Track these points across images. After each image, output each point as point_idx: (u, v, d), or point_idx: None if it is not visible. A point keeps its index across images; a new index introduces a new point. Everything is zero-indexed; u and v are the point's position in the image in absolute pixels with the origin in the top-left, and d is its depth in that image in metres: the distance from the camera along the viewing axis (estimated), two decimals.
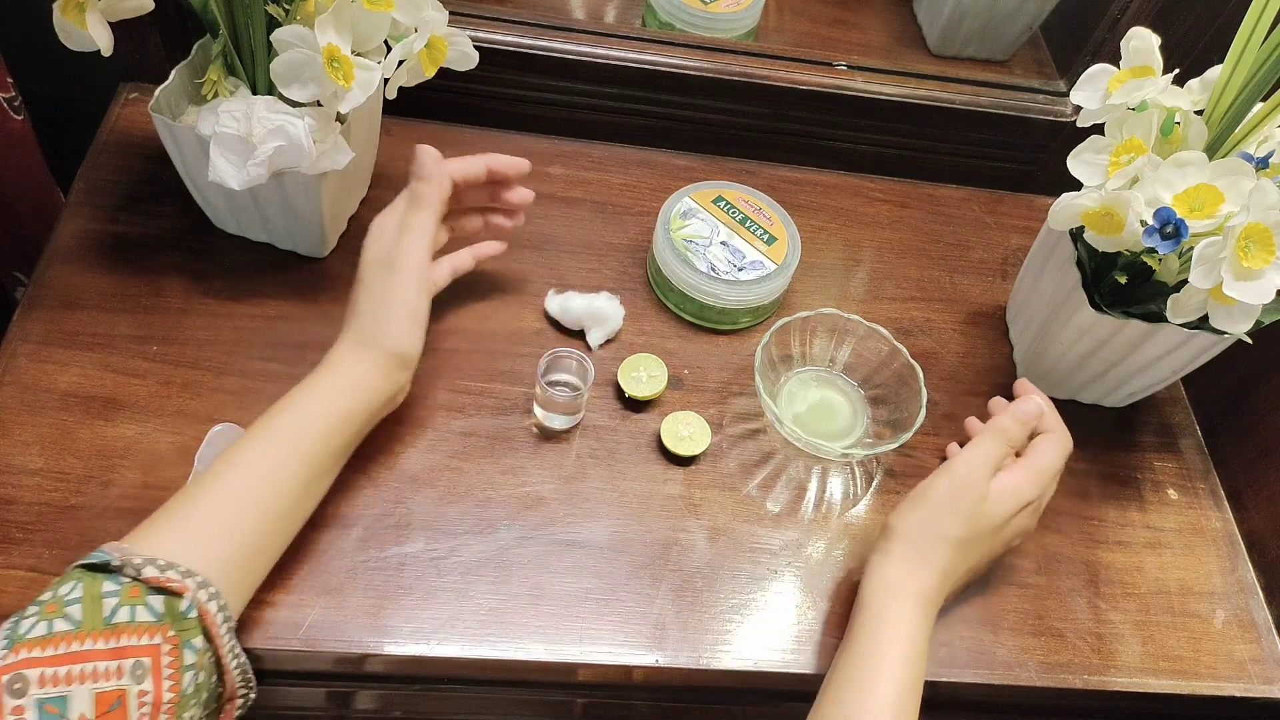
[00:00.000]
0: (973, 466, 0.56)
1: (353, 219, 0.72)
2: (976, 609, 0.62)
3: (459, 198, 0.61)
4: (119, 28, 0.55)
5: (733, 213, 0.73)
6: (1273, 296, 0.53)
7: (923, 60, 0.91)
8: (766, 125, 0.83)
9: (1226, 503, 0.71)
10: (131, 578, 0.44)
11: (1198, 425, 0.75)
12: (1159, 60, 0.58)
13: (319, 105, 0.58)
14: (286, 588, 0.54)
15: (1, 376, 0.60)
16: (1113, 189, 0.57)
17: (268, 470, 0.51)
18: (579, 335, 0.69)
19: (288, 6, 0.57)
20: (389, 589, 0.55)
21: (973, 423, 0.66)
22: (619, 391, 0.66)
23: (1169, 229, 0.54)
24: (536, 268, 0.72)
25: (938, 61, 0.91)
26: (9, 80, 0.72)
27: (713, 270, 0.69)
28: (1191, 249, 0.54)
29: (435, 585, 0.56)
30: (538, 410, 0.64)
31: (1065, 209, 0.60)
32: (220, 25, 0.57)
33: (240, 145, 0.56)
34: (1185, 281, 0.55)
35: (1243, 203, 0.53)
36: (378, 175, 0.74)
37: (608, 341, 0.69)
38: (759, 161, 0.84)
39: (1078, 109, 0.62)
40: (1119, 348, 0.65)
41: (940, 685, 0.59)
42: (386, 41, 0.58)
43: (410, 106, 0.68)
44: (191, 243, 0.68)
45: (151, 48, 0.72)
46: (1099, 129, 0.60)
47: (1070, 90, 0.63)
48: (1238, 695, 0.62)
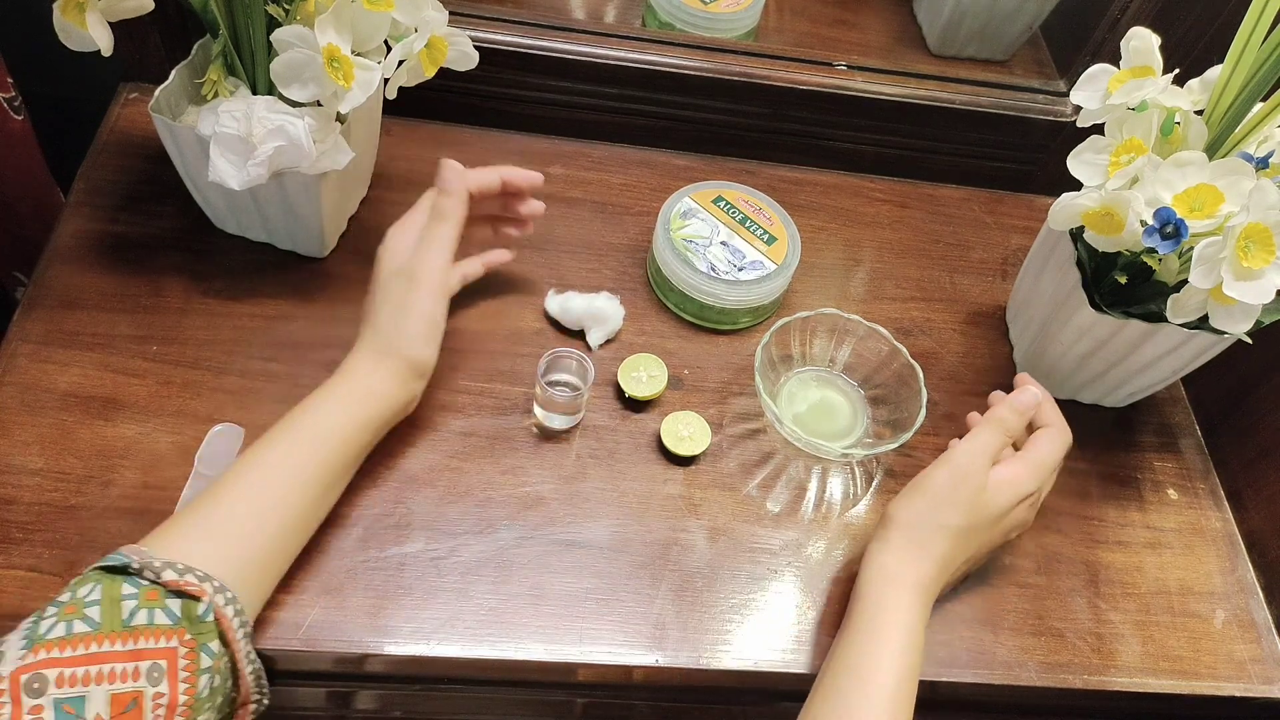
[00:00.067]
0: (972, 456, 0.56)
1: (353, 219, 0.72)
2: (976, 609, 0.62)
3: (472, 206, 0.61)
4: (119, 28, 0.55)
5: (733, 213, 0.73)
6: (1273, 296, 0.53)
7: (923, 60, 0.91)
8: (766, 125, 0.83)
9: (1226, 503, 0.71)
10: (150, 580, 0.45)
11: (1198, 425, 0.75)
12: (1159, 60, 0.58)
13: (319, 105, 0.58)
14: (286, 588, 0.54)
15: (1, 376, 0.60)
16: (1113, 189, 0.57)
17: (285, 477, 0.51)
18: (579, 335, 0.69)
19: (288, 6, 0.57)
20: (389, 589, 0.55)
21: (974, 417, 0.65)
22: (619, 391, 0.66)
23: (1169, 229, 0.54)
24: (536, 268, 0.72)
25: (938, 61, 0.91)
26: (9, 80, 0.72)
27: (713, 270, 0.69)
28: (1191, 249, 0.54)
29: (435, 585, 0.56)
30: (538, 410, 0.64)
31: (1065, 209, 0.60)
32: (220, 25, 0.57)
33: (240, 145, 0.56)
34: (1185, 281, 0.55)
35: (1243, 203, 0.53)
36: (378, 175, 0.74)
37: (608, 341, 0.69)
38: (759, 161, 0.84)
39: (1078, 109, 0.62)
40: (1119, 348, 0.65)
41: (940, 685, 0.59)
42: (386, 41, 0.58)
43: (410, 106, 0.68)
44: (191, 243, 0.68)
45: (151, 48, 0.72)
46: (1099, 129, 0.60)
47: (1070, 90, 0.63)
48: (1238, 695, 0.62)
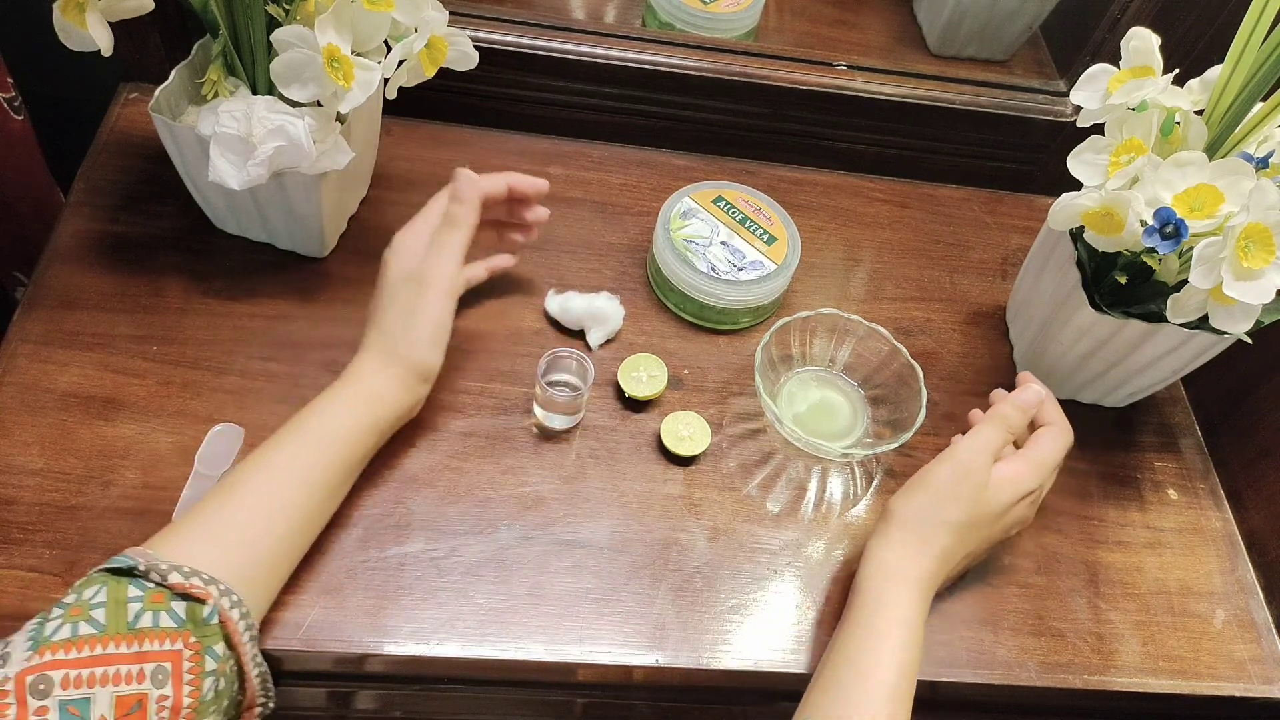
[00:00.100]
0: (974, 452, 0.56)
1: (353, 219, 0.72)
2: (976, 609, 0.62)
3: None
4: (119, 28, 0.55)
5: (733, 213, 0.73)
6: (1273, 296, 0.53)
7: (923, 60, 0.91)
8: (766, 125, 0.83)
9: (1226, 503, 0.71)
10: (156, 583, 0.45)
11: (1198, 425, 0.75)
12: (1159, 60, 0.58)
13: (319, 105, 0.58)
14: (287, 587, 0.54)
15: (1, 376, 0.60)
16: (1113, 189, 0.57)
17: (290, 480, 0.52)
18: (579, 335, 0.69)
19: (288, 6, 0.57)
20: (389, 589, 0.55)
21: (976, 414, 0.66)
22: (619, 391, 0.66)
23: (1169, 229, 0.54)
24: (536, 268, 0.72)
25: (938, 61, 0.91)
26: (9, 80, 0.72)
27: (713, 270, 0.69)
28: (1191, 249, 0.54)
29: (435, 585, 0.56)
30: (538, 410, 0.64)
31: (1065, 209, 0.60)
32: (220, 25, 0.57)
33: (240, 145, 0.56)
34: (1185, 281, 0.55)
35: (1243, 203, 0.53)
36: (378, 175, 0.74)
37: (608, 341, 0.69)
38: (759, 161, 0.84)
39: (1078, 109, 0.62)
40: (1119, 348, 0.65)
41: (940, 685, 0.59)
42: (386, 41, 0.58)
43: (410, 106, 0.68)
44: (191, 243, 0.68)
45: (151, 48, 0.72)
46: (1099, 129, 0.60)
47: (1070, 90, 0.63)
48: (1238, 695, 0.62)
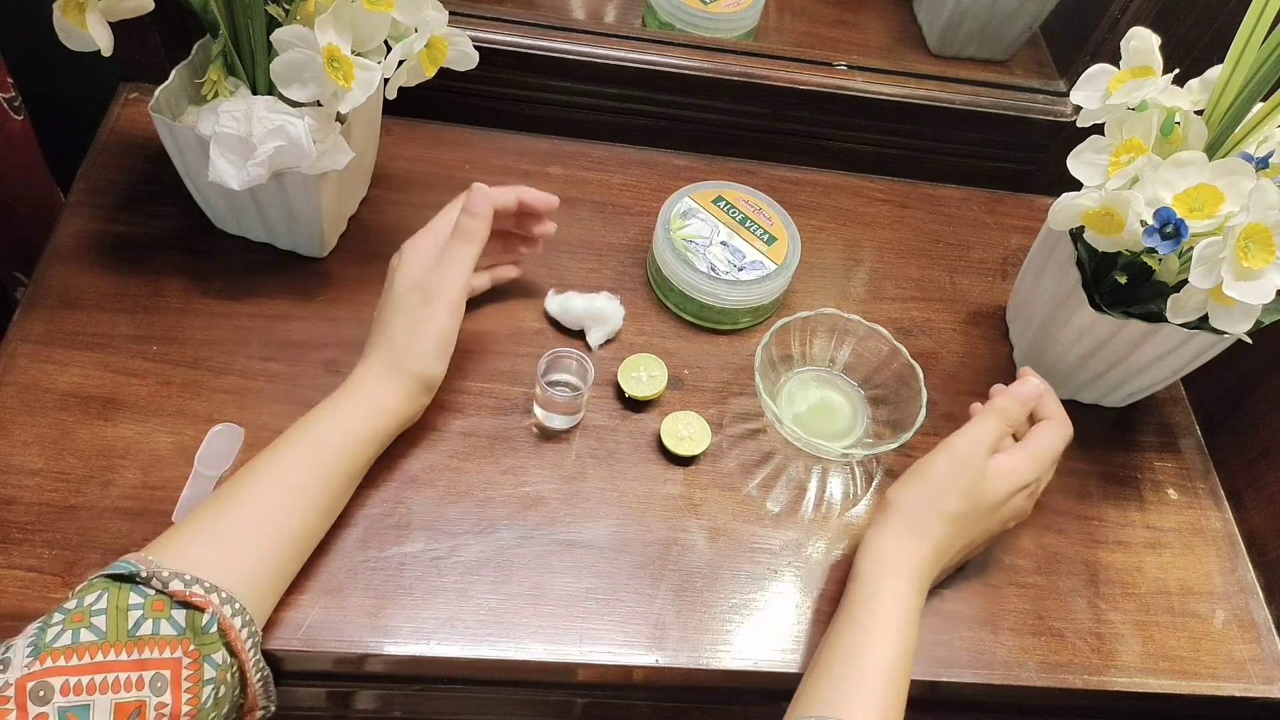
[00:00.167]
0: (972, 444, 0.56)
1: (353, 219, 0.72)
2: (976, 609, 0.62)
3: None
4: (119, 28, 0.55)
5: (733, 213, 0.73)
6: (1273, 296, 0.53)
7: (923, 60, 0.91)
8: (766, 125, 0.83)
9: (1226, 503, 0.71)
10: (157, 590, 0.45)
11: (1198, 425, 0.75)
12: (1159, 60, 0.58)
13: (319, 105, 0.58)
14: (288, 588, 0.54)
15: (1, 376, 0.60)
16: (1113, 189, 0.57)
17: (292, 487, 0.52)
18: (579, 335, 0.69)
19: (288, 6, 0.57)
20: (389, 589, 0.55)
21: (976, 408, 0.66)
22: (619, 391, 0.66)
23: (1169, 229, 0.54)
24: (536, 268, 0.72)
25: (938, 61, 0.91)
26: (9, 80, 0.72)
27: (713, 270, 0.69)
28: (1191, 249, 0.54)
29: (435, 585, 0.56)
30: (538, 410, 0.64)
31: (1065, 209, 0.60)
32: (220, 25, 0.57)
33: (240, 145, 0.56)
34: (1185, 281, 0.55)
35: (1243, 203, 0.53)
36: (378, 175, 0.74)
37: (608, 341, 0.69)
38: (759, 161, 0.84)
39: (1078, 109, 0.62)
40: (1119, 348, 0.65)
41: (940, 685, 0.59)
42: (386, 41, 0.58)
43: (410, 106, 0.68)
44: (191, 243, 0.68)
45: (151, 48, 0.72)
46: (1099, 129, 0.60)
47: (1070, 90, 0.63)
48: (1238, 695, 0.62)
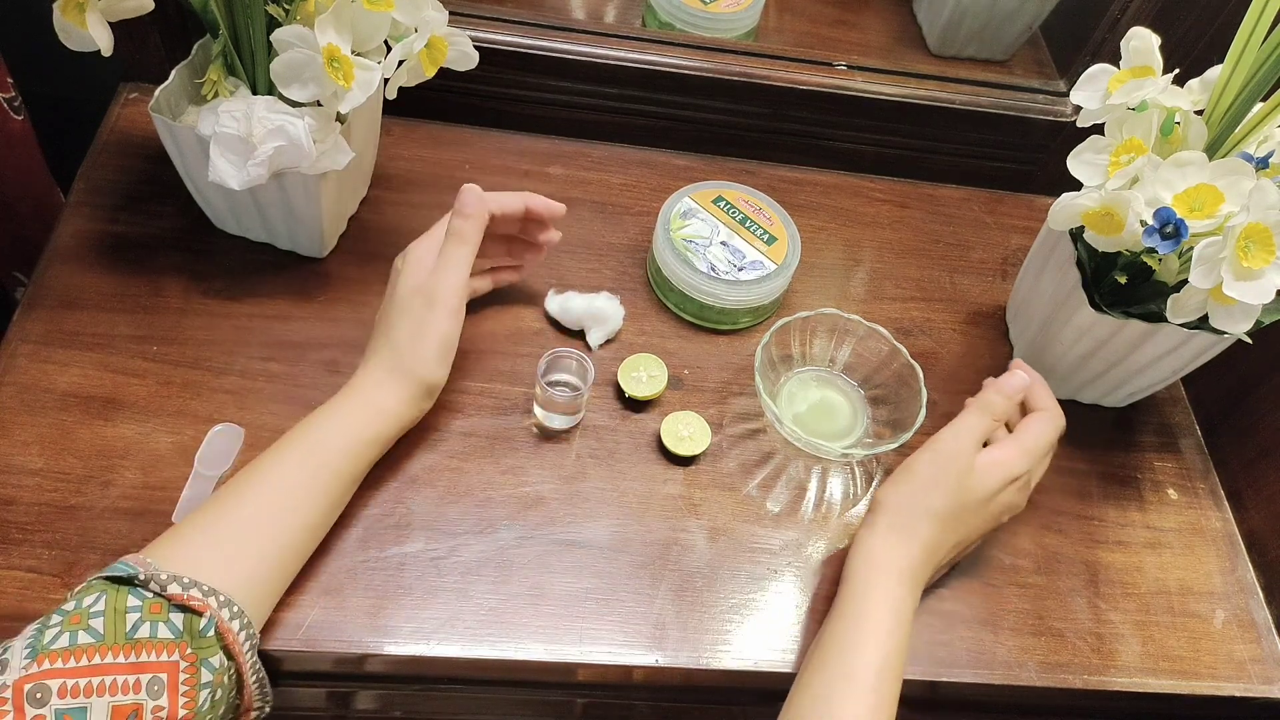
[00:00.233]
0: (957, 439, 0.56)
1: (353, 219, 0.72)
2: (976, 609, 0.62)
3: (492, 226, 0.62)
4: (119, 28, 0.55)
5: (733, 213, 0.73)
6: (1273, 296, 0.53)
7: (923, 60, 0.91)
8: (766, 125, 0.83)
9: (1226, 503, 0.71)
10: (155, 593, 0.45)
11: (1198, 425, 0.75)
12: (1159, 60, 0.58)
13: (319, 105, 0.58)
14: (288, 588, 0.54)
15: (1, 376, 0.60)
16: (1113, 189, 0.57)
17: (292, 490, 0.52)
18: (579, 335, 0.69)
19: (288, 6, 0.57)
20: (389, 589, 0.55)
21: (968, 402, 0.66)
22: (619, 391, 0.66)
23: (1169, 229, 0.54)
24: (537, 268, 0.72)
25: (938, 61, 0.91)
26: (9, 80, 0.72)
27: (713, 270, 0.69)
28: (1191, 249, 0.54)
29: (435, 585, 0.56)
30: (538, 410, 0.64)
31: (1065, 209, 0.60)
32: (220, 25, 0.57)
33: (240, 145, 0.56)
34: (1185, 281, 0.55)
35: (1243, 203, 0.53)
36: (378, 175, 0.74)
37: (608, 341, 0.69)
38: (759, 161, 0.84)
39: (1078, 109, 0.62)
40: (1119, 348, 0.65)
41: (940, 685, 0.59)
42: (386, 41, 0.58)
43: (410, 106, 0.68)
44: (191, 243, 0.68)
45: (151, 48, 0.72)
46: (1099, 129, 0.60)
47: (1070, 90, 0.63)
48: (1238, 695, 0.62)
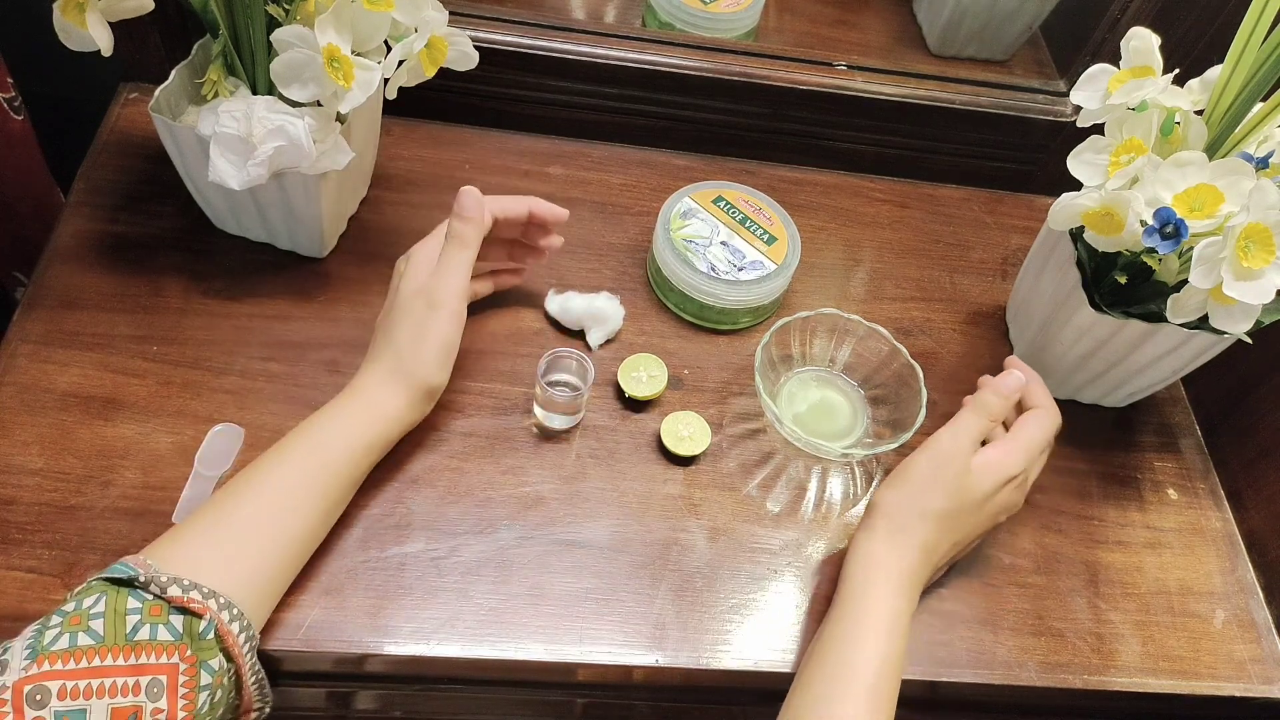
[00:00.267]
0: (954, 440, 0.56)
1: (353, 219, 0.72)
2: (976, 609, 0.62)
3: (495, 229, 0.62)
4: (119, 28, 0.55)
5: (733, 213, 0.73)
6: (1273, 296, 0.53)
7: (923, 60, 0.91)
8: (766, 125, 0.83)
9: (1226, 503, 0.71)
10: (155, 595, 0.45)
11: (1198, 425, 0.75)
12: (1159, 60, 0.58)
13: (319, 105, 0.58)
14: (288, 588, 0.54)
15: (1, 376, 0.60)
16: (1113, 189, 0.57)
17: (293, 492, 0.52)
18: (579, 335, 0.69)
19: (288, 6, 0.57)
20: (389, 589, 0.55)
21: (968, 400, 0.66)
22: (619, 391, 0.66)
23: (1169, 229, 0.54)
24: (537, 268, 0.72)
25: (938, 61, 0.91)
26: (9, 80, 0.72)
27: (713, 270, 0.69)
28: (1191, 249, 0.54)
29: (435, 585, 0.56)
30: (538, 410, 0.64)
31: (1065, 209, 0.60)
32: (220, 25, 0.57)
33: (240, 145, 0.56)
34: (1185, 281, 0.55)
35: (1243, 203, 0.53)
36: (378, 175, 0.74)
37: (608, 341, 0.69)
38: (759, 161, 0.84)
39: (1078, 109, 0.62)
40: (1119, 348, 0.65)
41: (940, 685, 0.59)
42: (386, 41, 0.58)
43: (410, 106, 0.68)
44: (191, 243, 0.68)
45: (151, 48, 0.72)
46: (1099, 129, 0.60)
47: (1070, 90, 0.63)
48: (1238, 695, 0.62)
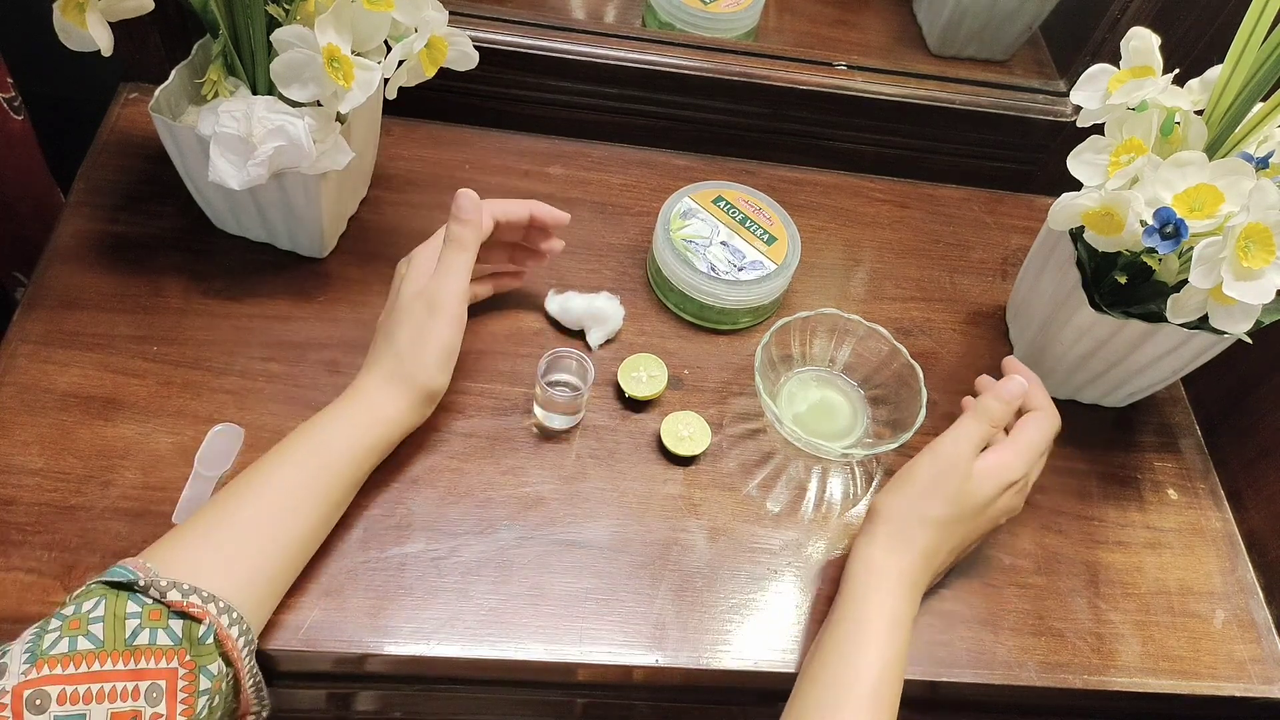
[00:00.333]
0: (956, 446, 0.56)
1: (353, 219, 0.72)
2: (976, 609, 0.62)
3: (496, 232, 0.62)
4: (119, 28, 0.55)
5: (733, 213, 0.73)
6: (1273, 296, 0.53)
7: (923, 60, 0.91)
8: (766, 125, 0.83)
9: (1226, 503, 0.71)
10: (155, 599, 0.45)
11: (1198, 425, 0.75)
12: (1159, 60, 0.58)
13: (319, 105, 0.58)
14: (288, 589, 0.54)
15: (1, 376, 0.60)
16: (1113, 189, 0.57)
17: (293, 495, 0.52)
18: (579, 335, 0.69)
19: (288, 6, 0.57)
20: (389, 589, 0.55)
21: (967, 401, 0.66)
22: (619, 391, 0.66)
23: (1169, 229, 0.54)
24: (537, 268, 0.72)
25: (938, 61, 0.91)
26: (9, 80, 0.72)
27: (713, 270, 0.69)
28: (1191, 249, 0.54)
29: (435, 585, 0.56)
30: (538, 410, 0.64)
31: (1065, 209, 0.60)
32: (220, 25, 0.57)
33: (240, 145, 0.56)
34: (1185, 281, 0.55)
35: (1243, 203, 0.53)
36: (378, 175, 0.74)
37: (608, 341, 0.69)
38: (759, 161, 0.84)
39: (1078, 109, 0.62)
40: (1119, 348, 0.65)
41: (940, 685, 0.59)
42: (386, 41, 0.58)
43: (410, 106, 0.68)
44: (191, 243, 0.68)
45: (151, 48, 0.72)
46: (1099, 129, 0.60)
47: (1070, 90, 0.63)
48: (1238, 695, 0.62)
